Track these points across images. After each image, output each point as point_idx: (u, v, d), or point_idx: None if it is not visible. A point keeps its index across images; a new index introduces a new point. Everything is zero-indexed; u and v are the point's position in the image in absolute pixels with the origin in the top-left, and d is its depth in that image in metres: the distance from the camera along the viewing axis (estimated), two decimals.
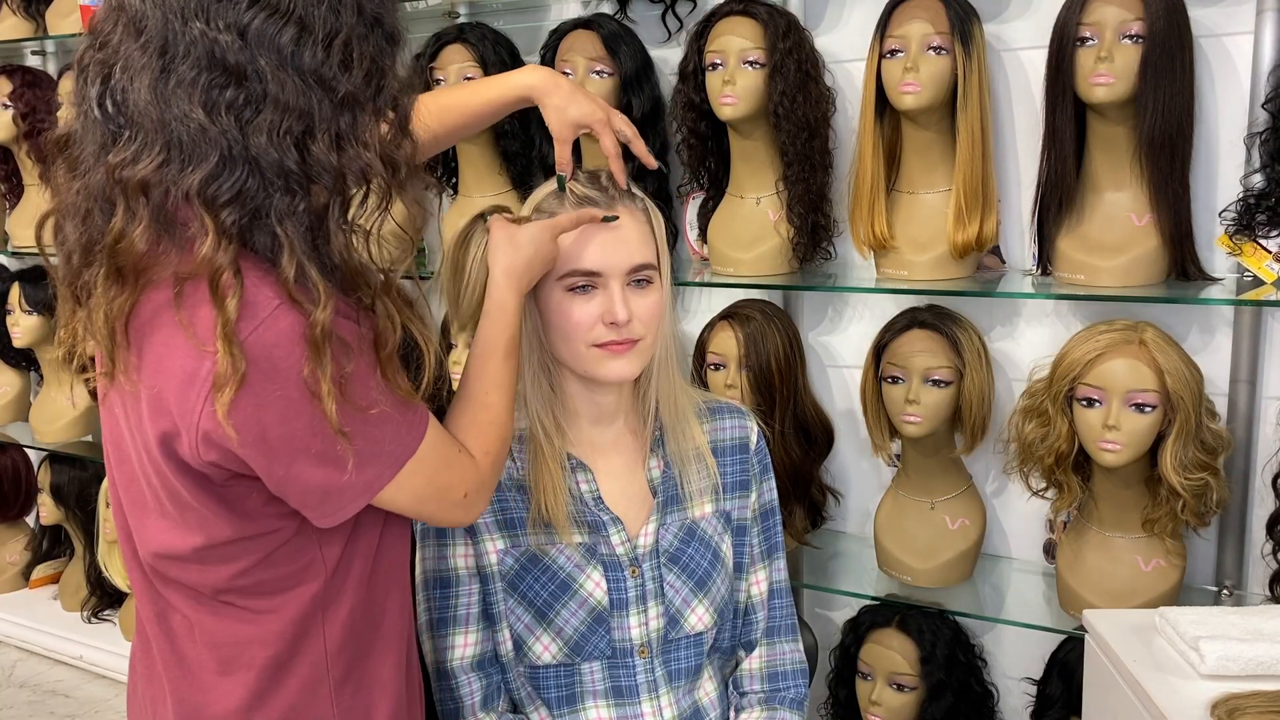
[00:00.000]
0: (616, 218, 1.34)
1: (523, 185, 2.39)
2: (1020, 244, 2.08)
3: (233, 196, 1.01)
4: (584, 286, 1.33)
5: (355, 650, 1.21)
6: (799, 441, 2.12)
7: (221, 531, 1.11)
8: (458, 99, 1.48)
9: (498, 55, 2.30)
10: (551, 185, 1.40)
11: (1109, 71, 1.74)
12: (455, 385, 1.30)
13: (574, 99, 1.43)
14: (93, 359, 1.17)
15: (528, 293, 1.33)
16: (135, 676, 1.29)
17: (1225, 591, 1.96)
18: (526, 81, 1.46)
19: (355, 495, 1.11)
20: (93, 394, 2.98)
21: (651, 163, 1.48)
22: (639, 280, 1.35)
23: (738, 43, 2.00)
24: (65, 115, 3.20)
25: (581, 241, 1.33)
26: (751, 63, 2.00)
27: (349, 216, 1.07)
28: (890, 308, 2.12)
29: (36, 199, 3.03)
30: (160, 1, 1.00)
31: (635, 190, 1.41)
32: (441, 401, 1.29)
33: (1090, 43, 1.76)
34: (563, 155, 1.42)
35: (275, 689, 1.17)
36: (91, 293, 1.06)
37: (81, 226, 1.06)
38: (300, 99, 1.01)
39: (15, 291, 3.03)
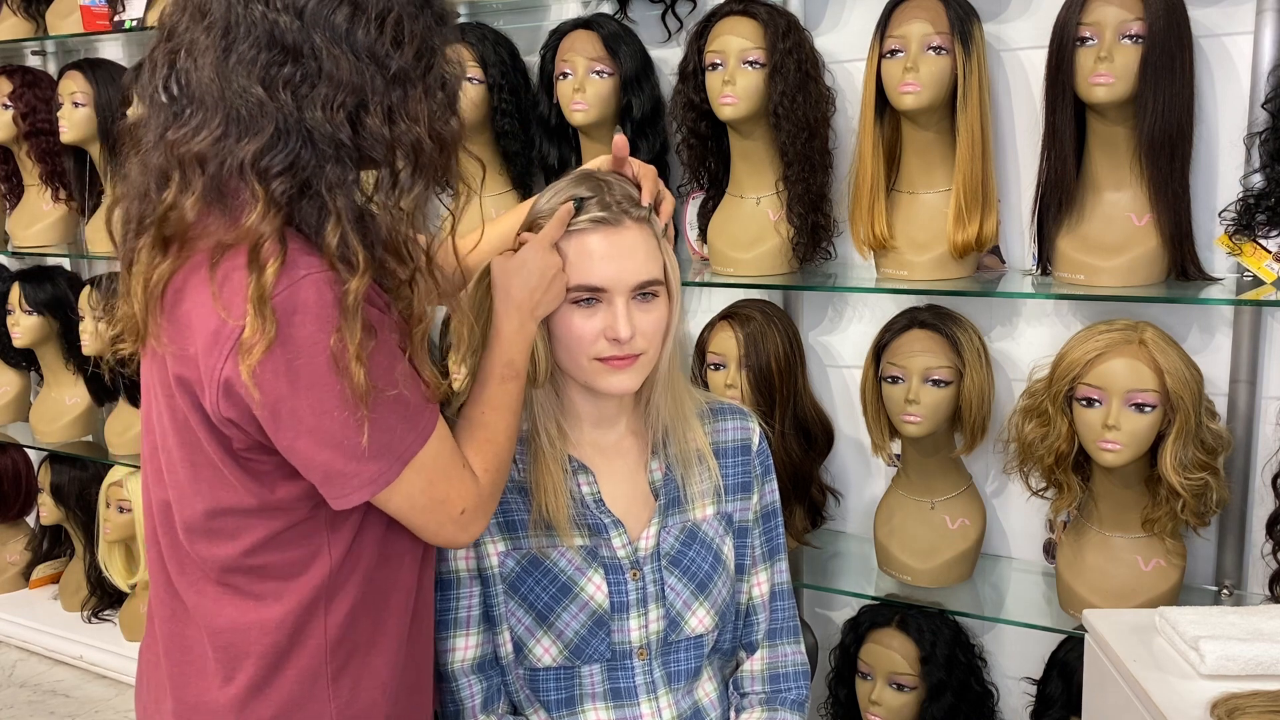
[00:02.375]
0: (586, 198, 1.33)
1: (523, 185, 2.39)
2: (1020, 244, 2.08)
3: (285, 167, 1.05)
4: (588, 300, 1.33)
5: (355, 645, 1.21)
6: (799, 441, 2.12)
7: (234, 495, 1.14)
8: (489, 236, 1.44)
9: (498, 55, 2.29)
10: (537, 199, 1.39)
11: (1109, 71, 1.74)
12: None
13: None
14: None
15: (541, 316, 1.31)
16: (143, 668, 1.31)
17: (1225, 591, 1.96)
18: None
19: (360, 485, 1.12)
20: (94, 391, 3.02)
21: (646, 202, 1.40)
22: (644, 294, 1.34)
23: (738, 43, 2.00)
24: (66, 114, 3.17)
25: (588, 257, 1.32)
26: (751, 63, 2.00)
27: (396, 192, 1.11)
28: (890, 308, 2.12)
29: (36, 199, 3.02)
30: None
31: (644, 205, 1.39)
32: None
33: (1090, 43, 1.76)
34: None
35: (273, 679, 1.18)
36: (135, 262, 1.11)
37: (138, 204, 1.12)
38: (354, 75, 1.06)
39: (15, 291, 3.03)
